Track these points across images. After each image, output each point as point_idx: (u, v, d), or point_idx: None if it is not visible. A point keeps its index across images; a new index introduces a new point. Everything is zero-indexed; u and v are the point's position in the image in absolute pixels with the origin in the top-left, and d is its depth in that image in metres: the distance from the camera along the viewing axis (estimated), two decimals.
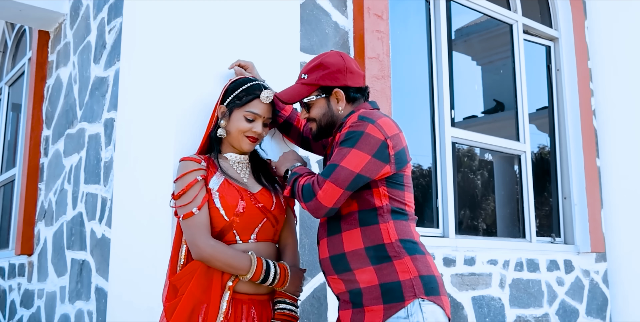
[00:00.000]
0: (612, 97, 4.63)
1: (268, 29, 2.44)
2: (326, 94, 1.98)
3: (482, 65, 4.87)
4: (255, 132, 2.02)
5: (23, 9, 4.00)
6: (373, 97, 2.98)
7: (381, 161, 1.81)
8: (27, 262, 4.11)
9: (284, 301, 1.98)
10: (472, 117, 4.62)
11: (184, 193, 1.91)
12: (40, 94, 4.28)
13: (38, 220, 4.03)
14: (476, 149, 4.31)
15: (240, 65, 2.25)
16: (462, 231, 3.81)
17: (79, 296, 3.16)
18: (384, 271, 1.81)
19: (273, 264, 1.94)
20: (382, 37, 3.14)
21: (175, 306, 1.89)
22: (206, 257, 1.86)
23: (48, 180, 3.96)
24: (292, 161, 2.03)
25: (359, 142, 1.79)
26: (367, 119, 1.83)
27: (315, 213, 1.82)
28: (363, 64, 3.01)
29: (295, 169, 1.96)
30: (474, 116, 4.64)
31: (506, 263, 3.70)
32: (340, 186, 1.77)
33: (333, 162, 1.80)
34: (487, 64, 4.85)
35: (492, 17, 4.34)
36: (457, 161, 4.08)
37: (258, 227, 1.98)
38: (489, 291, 3.56)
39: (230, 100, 2.03)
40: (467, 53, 4.75)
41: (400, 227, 1.86)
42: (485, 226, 4.27)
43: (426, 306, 1.78)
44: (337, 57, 2.01)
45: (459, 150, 4.21)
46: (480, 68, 4.87)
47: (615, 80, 4.62)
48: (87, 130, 3.40)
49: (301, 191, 1.83)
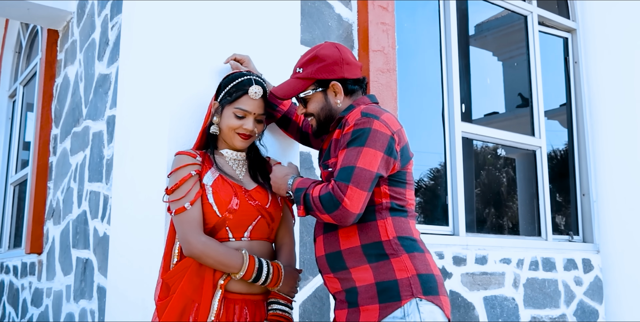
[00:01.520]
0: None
1: (266, 21, 2.38)
2: (323, 88, 1.91)
3: (503, 60, 4.77)
4: (246, 129, 1.96)
5: (31, 8, 4.00)
6: (378, 91, 2.90)
7: (392, 157, 1.75)
8: (37, 261, 4.12)
9: (277, 301, 1.93)
10: (493, 114, 4.53)
11: (177, 188, 1.88)
12: (50, 92, 4.28)
13: (47, 219, 4.03)
14: (496, 146, 4.21)
15: (236, 60, 2.19)
16: (474, 229, 3.71)
17: (83, 295, 3.14)
18: (380, 269, 1.75)
19: (266, 262, 1.88)
20: (387, 29, 3.05)
21: (167, 305, 1.85)
22: (197, 253, 1.82)
23: (56, 179, 3.96)
24: (284, 179, 1.88)
25: (368, 139, 1.71)
26: (371, 115, 1.75)
27: (344, 222, 1.70)
28: (367, 57, 2.93)
29: (295, 185, 1.81)
30: (495, 113, 4.55)
31: (520, 262, 3.59)
32: (363, 188, 1.68)
33: (348, 164, 1.70)
34: (509, 60, 4.74)
35: (505, 8, 4.22)
36: (474, 157, 3.98)
37: (252, 225, 1.93)
38: (502, 291, 3.45)
39: (222, 97, 1.99)
40: (487, 48, 4.66)
41: (398, 224, 1.79)
42: (499, 224, 4.16)
43: (424, 305, 1.71)
44: (332, 48, 1.94)
45: (478, 147, 4.12)
46: (502, 64, 4.77)
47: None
48: (92, 128, 3.38)
49: (320, 202, 1.70)
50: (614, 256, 4.09)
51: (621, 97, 4.27)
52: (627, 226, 4.10)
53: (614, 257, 4.09)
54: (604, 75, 4.36)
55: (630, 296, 4.01)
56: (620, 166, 4.19)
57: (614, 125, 4.26)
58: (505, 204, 4.28)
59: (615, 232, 4.13)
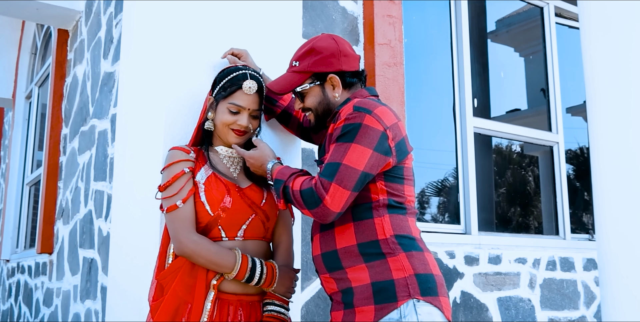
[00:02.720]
0: None
1: (267, 15, 2.31)
2: (320, 81, 1.85)
3: (524, 56, 4.65)
4: (240, 125, 1.89)
5: (40, 8, 4.00)
6: (384, 86, 2.82)
7: (383, 154, 1.66)
8: (48, 261, 4.12)
9: (272, 302, 1.87)
10: (514, 111, 4.42)
11: (169, 185, 1.83)
12: (60, 92, 4.28)
13: (57, 219, 4.02)
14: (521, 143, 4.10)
15: (233, 54, 2.13)
16: (487, 228, 3.59)
17: (88, 295, 3.12)
18: (376, 269, 1.67)
19: (259, 262, 1.82)
20: (394, 22, 2.96)
21: (160, 306, 1.80)
22: (188, 253, 1.77)
23: (66, 178, 3.95)
24: (262, 162, 1.82)
25: (357, 135, 1.64)
26: (363, 110, 1.68)
27: (324, 220, 1.65)
28: (373, 50, 2.85)
29: (274, 174, 1.76)
30: (517, 110, 4.44)
31: (536, 262, 3.47)
32: (347, 187, 1.62)
33: (333, 160, 1.64)
34: (530, 55, 4.62)
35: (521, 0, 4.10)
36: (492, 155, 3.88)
37: (246, 224, 1.87)
38: (517, 292, 3.33)
39: (217, 91, 1.93)
40: (509, 44, 4.54)
41: (396, 222, 1.72)
42: (515, 223, 4.04)
43: (421, 307, 1.63)
44: (329, 40, 1.88)
45: (502, 145, 4.02)
46: (523, 60, 4.65)
47: None
48: (97, 127, 3.36)
49: (301, 197, 1.64)
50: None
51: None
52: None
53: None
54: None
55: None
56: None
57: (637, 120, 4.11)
58: (523, 202, 4.16)
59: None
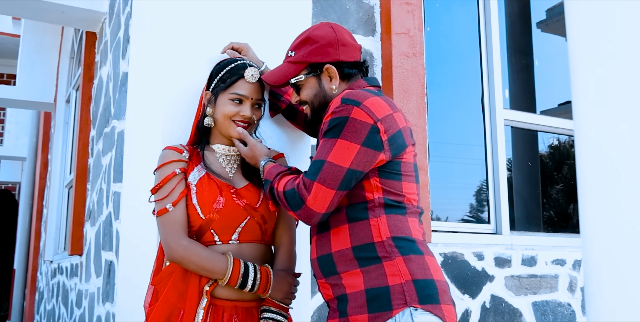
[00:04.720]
0: None
1: (273, 5, 2.20)
2: (316, 72, 1.73)
3: None
4: (243, 116, 1.81)
5: (66, 11, 4.03)
6: (402, 77, 2.67)
7: (373, 149, 1.53)
8: (79, 262, 4.15)
9: (269, 309, 1.76)
10: (567, 103, 4.19)
11: (160, 187, 1.75)
12: (88, 94, 4.31)
13: (86, 221, 4.04)
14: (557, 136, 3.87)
15: (233, 48, 2.04)
16: (521, 227, 3.37)
17: (107, 297, 3.09)
18: (371, 274, 1.54)
19: (253, 267, 1.71)
20: (413, 10, 2.80)
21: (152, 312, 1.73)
22: (177, 258, 1.69)
23: (92, 180, 3.96)
24: (256, 161, 1.77)
25: (344, 130, 1.53)
26: (350, 102, 1.56)
27: (308, 221, 1.58)
28: (390, 40, 2.69)
29: (265, 173, 1.70)
30: (568, 102, 4.21)
31: (577, 263, 3.22)
32: (330, 186, 1.51)
33: (318, 158, 1.54)
34: None
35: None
36: (533, 149, 3.66)
37: (240, 227, 1.76)
38: (555, 296, 3.10)
39: (215, 85, 1.85)
40: (560, 34, 4.30)
41: (394, 223, 1.58)
42: (551, 221, 3.78)
43: (419, 315, 1.49)
44: (326, 28, 1.77)
45: (557, 141, 3.80)
46: None
47: None
48: (117, 128, 3.33)
49: (285, 198, 1.57)
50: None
51: None
52: None
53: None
54: None
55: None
56: None
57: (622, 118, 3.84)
58: (561, 199, 3.90)
59: None
